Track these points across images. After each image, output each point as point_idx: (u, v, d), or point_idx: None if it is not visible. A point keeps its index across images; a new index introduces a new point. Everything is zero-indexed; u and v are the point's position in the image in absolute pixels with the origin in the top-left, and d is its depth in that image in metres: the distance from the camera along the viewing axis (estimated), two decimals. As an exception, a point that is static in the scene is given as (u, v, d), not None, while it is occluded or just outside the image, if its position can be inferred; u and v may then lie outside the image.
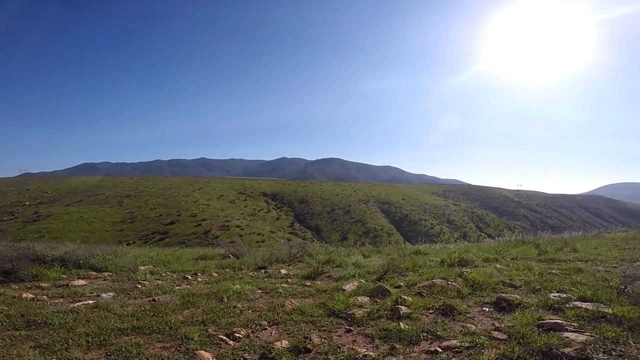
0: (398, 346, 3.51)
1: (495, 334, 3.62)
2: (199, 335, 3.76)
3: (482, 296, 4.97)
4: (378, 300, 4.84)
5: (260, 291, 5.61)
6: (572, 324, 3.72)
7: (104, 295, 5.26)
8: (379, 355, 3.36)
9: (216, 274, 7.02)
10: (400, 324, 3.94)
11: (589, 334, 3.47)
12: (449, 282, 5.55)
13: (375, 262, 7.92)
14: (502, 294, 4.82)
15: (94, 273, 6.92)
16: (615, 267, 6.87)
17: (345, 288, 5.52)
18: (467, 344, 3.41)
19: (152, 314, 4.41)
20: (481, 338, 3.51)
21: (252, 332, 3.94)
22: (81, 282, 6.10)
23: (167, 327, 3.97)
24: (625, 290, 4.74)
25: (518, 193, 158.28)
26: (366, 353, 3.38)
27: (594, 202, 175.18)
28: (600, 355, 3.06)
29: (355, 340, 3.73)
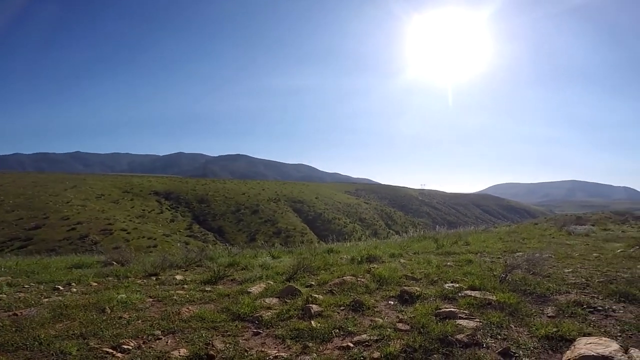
0: (310, 344, 3.69)
1: (400, 325, 4.07)
2: (77, 350, 3.53)
3: (388, 290, 5.52)
4: (288, 301, 5.00)
5: (151, 299, 5.38)
6: (464, 311, 4.38)
7: (-54, 312, 4.50)
8: (291, 355, 3.50)
9: (95, 284, 6.55)
10: (312, 322, 4.16)
11: (478, 320, 4.12)
12: (359, 279, 6.01)
13: (286, 262, 8.08)
14: (405, 287, 5.42)
15: None
16: (499, 257, 8.24)
17: (251, 290, 5.56)
18: (375, 337, 3.78)
19: (14, 329, 4.02)
20: (388, 330, 3.92)
21: (143, 342, 3.79)
22: None
23: (37, 343, 3.66)
24: (506, 278, 5.76)
25: (422, 192, 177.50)
26: (277, 354, 3.49)
27: (485, 200, 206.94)
28: (488, 339, 3.66)
29: (265, 343, 3.81)
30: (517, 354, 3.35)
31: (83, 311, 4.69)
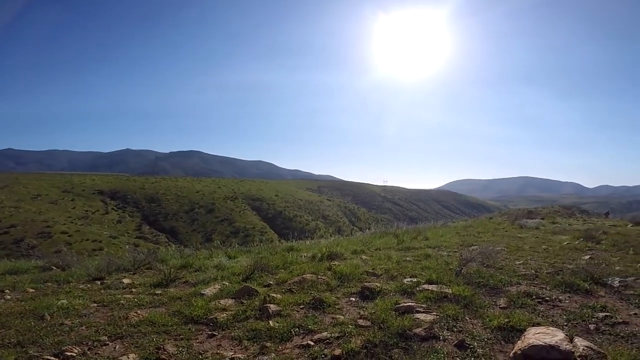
0: (269, 344, 3.71)
1: (361, 321, 4.20)
2: (15, 359, 3.42)
3: (349, 287, 5.65)
4: (244, 302, 4.98)
5: (95, 305, 5.22)
6: (422, 305, 4.60)
7: None
8: (248, 356, 3.51)
9: (33, 290, 6.22)
10: (270, 322, 4.17)
11: (435, 313, 4.34)
12: (319, 277, 6.09)
13: (243, 262, 8.00)
14: (366, 283, 5.59)
15: None
16: (455, 251, 8.65)
17: (205, 292, 5.50)
18: (337, 335, 3.87)
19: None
20: (349, 327, 4.03)
21: (89, 349, 3.69)
22: None
23: (-33, 354, 3.45)
24: (462, 271, 6.08)
25: (384, 188, 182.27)
26: (234, 356, 3.49)
27: (444, 196, 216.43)
28: (444, 332, 3.87)
29: (220, 345, 3.79)
30: (471, 346, 3.56)
31: (19, 319, 4.48)
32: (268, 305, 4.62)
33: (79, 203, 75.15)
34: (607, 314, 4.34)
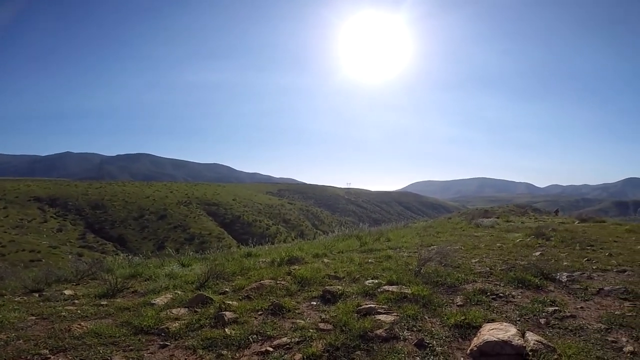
0: (225, 352, 3.67)
1: (322, 325, 4.24)
2: None
3: (310, 291, 5.68)
4: (198, 310, 4.89)
5: (34, 317, 4.99)
6: (383, 306, 4.72)
7: None
8: None
9: None
10: (226, 330, 4.12)
11: (396, 314, 4.46)
12: (278, 282, 6.08)
13: (197, 270, 7.83)
14: (327, 287, 5.64)
15: None
16: (415, 252, 8.92)
17: (155, 302, 5.37)
18: (297, 339, 3.88)
19: None
20: (310, 331, 4.06)
21: None
22: None
23: None
24: (421, 271, 6.30)
25: (348, 191, 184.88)
26: (188, 365, 3.41)
27: (406, 197, 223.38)
28: (405, 332, 3.98)
29: (174, 355, 3.71)
30: (431, 344, 3.69)
31: (-56, 336, 4.19)
32: (224, 312, 4.56)
33: (12, 211, 70.30)
34: (556, 308, 4.62)
